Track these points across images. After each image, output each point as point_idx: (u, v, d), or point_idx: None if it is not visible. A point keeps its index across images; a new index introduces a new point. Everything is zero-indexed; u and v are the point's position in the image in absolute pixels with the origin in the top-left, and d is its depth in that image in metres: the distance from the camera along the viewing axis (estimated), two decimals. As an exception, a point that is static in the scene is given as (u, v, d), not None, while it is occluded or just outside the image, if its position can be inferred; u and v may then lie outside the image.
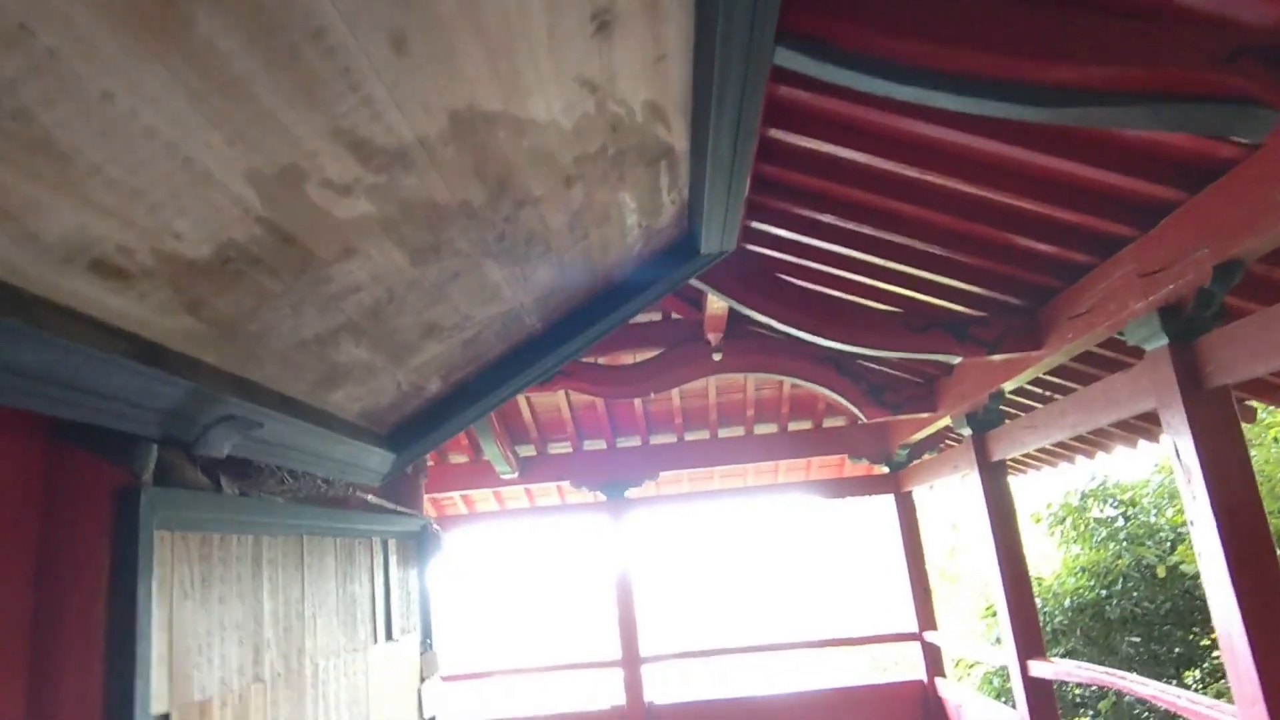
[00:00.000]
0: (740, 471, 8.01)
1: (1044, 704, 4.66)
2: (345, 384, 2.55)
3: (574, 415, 7.03)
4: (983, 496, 5.02)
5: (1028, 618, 4.80)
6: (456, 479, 7.29)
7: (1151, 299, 3.02)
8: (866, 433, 7.19)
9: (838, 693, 7.03)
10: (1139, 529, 6.69)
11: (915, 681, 6.78)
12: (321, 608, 2.76)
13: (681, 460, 7.26)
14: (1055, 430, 4.18)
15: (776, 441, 7.24)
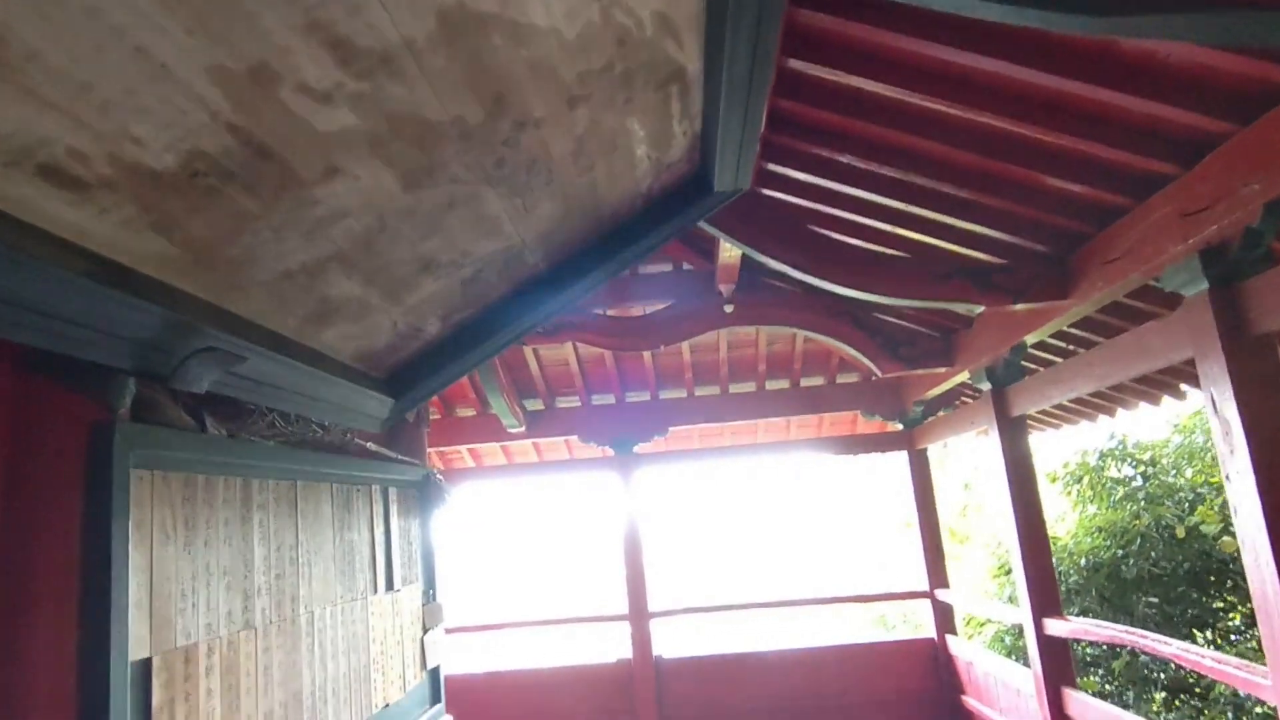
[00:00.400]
0: (751, 428, 7.90)
1: (1058, 662, 4.57)
2: (337, 321, 2.42)
3: (582, 369, 6.91)
4: (1001, 453, 4.88)
5: (1045, 576, 4.70)
6: (463, 432, 7.21)
7: (1192, 241, 2.84)
8: (880, 389, 7.05)
9: (847, 649, 6.99)
10: (1158, 489, 6.55)
11: (926, 639, 6.72)
12: (317, 555, 2.67)
13: (691, 415, 7.14)
14: (1081, 383, 4.02)
15: (788, 397, 7.11)
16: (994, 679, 5.56)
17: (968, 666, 6.11)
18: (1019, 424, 4.90)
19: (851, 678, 6.61)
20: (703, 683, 6.69)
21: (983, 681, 5.81)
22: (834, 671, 6.64)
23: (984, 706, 5.79)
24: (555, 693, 6.72)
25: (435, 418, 7.19)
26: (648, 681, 6.61)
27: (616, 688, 6.68)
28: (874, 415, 7.06)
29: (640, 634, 6.73)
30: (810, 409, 7.11)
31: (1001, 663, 5.43)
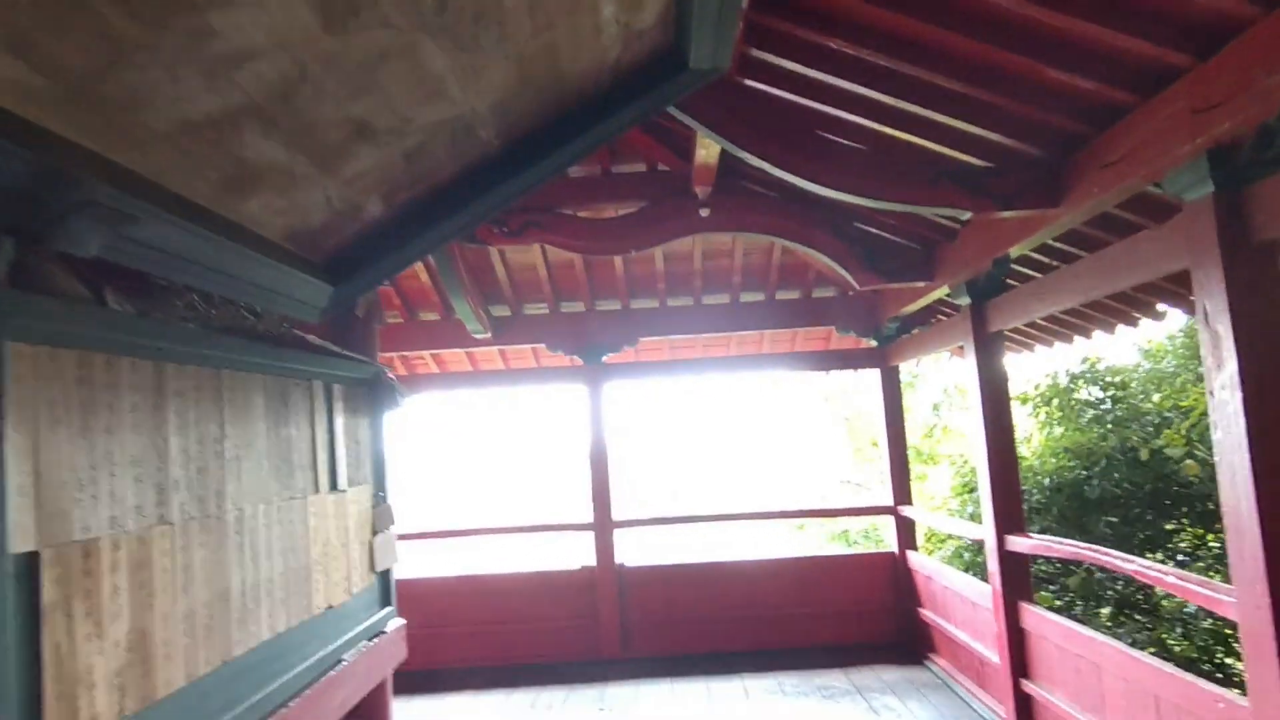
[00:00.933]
0: (724, 341, 7.75)
1: (1018, 578, 4.57)
2: (260, 190, 2.16)
3: (551, 275, 6.67)
4: (976, 370, 4.77)
5: (1011, 494, 4.65)
6: (427, 337, 6.99)
7: (1200, 140, 2.64)
8: (856, 305, 6.90)
9: (808, 561, 7.04)
10: (1126, 412, 6.54)
11: (886, 553, 6.77)
12: (247, 450, 2.48)
13: (663, 326, 6.96)
14: (1065, 296, 3.87)
15: (763, 310, 6.94)
16: (951, 593, 5.61)
17: (926, 580, 6.17)
18: (996, 340, 4.77)
19: (812, 589, 6.67)
20: (665, 591, 6.72)
21: (940, 595, 5.86)
22: (795, 582, 6.69)
23: (940, 619, 5.86)
24: (518, 597, 6.72)
25: (396, 320, 6.95)
26: (610, 588, 6.62)
27: (579, 594, 6.69)
28: (848, 331, 6.93)
29: (604, 543, 6.70)
30: (785, 323, 6.95)
31: (960, 577, 5.46)
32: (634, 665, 6.40)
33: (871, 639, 6.52)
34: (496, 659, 6.59)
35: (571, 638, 6.64)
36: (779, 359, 7.21)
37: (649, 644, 6.61)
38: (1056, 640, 4.09)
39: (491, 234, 5.52)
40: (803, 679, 5.84)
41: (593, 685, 6.01)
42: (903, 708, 5.11)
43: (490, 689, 6.07)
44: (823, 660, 6.23)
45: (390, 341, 6.98)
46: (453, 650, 6.61)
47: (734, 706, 5.33)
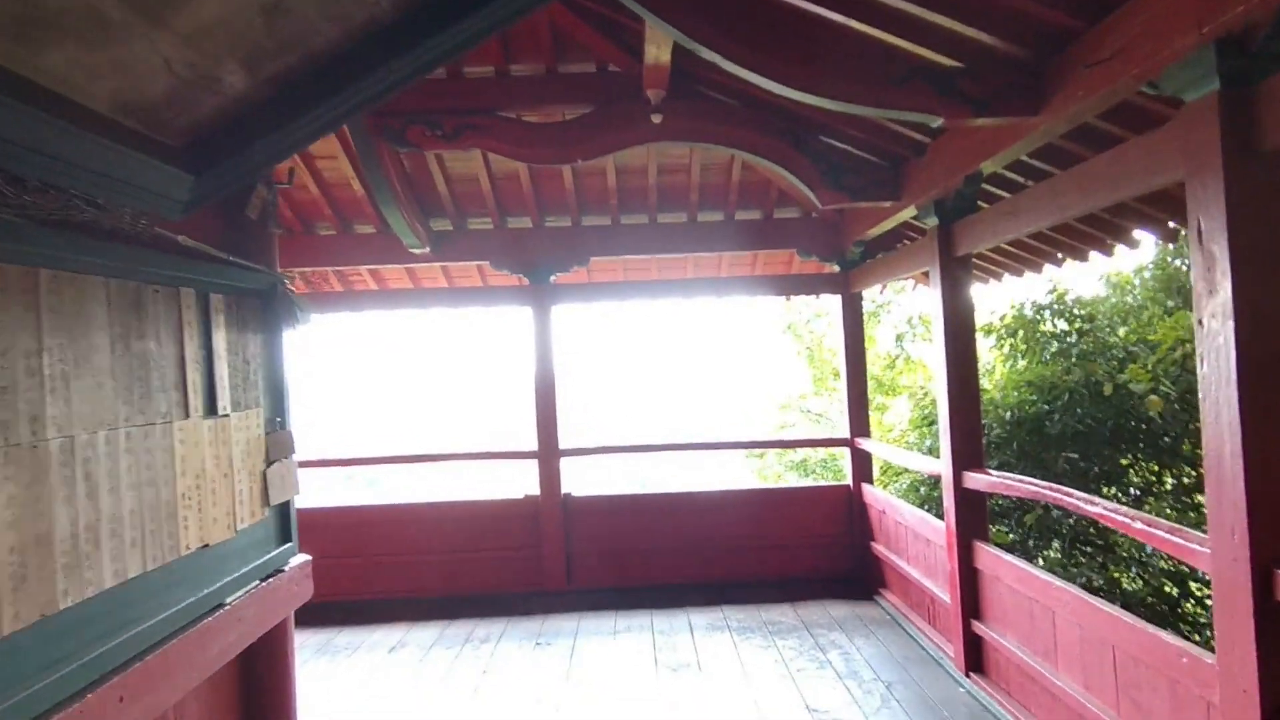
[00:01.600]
0: (680, 263, 7.36)
1: (974, 515, 4.37)
2: (63, 42, 1.71)
3: (495, 187, 6.19)
4: (940, 296, 4.46)
5: (971, 428, 4.41)
6: (363, 251, 6.51)
7: (1208, 29, 2.27)
8: (819, 227, 6.53)
9: (762, 493, 6.85)
10: (1092, 345, 6.32)
11: (841, 486, 6.59)
12: (81, 367, 2.08)
13: (616, 245, 6.55)
14: (1042, 214, 3.54)
15: (722, 231, 6.55)
16: (905, 528, 5.43)
17: (880, 515, 6.00)
18: (963, 265, 4.46)
19: (764, 521, 6.48)
20: (612, 522, 6.49)
21: (894, 530, 5.69)
22: (746, 515, 6.50)
23: (892, 554, 5.70)
24: (459, 527, 6.45)
25: (329, 233, 6.47)
26: (554, 518, 6.38)
27: (523, 524, 6.44)
28: (810, 255, 6.58)
29: (549, 471, 6.43)
30: (745, 244, 6.57)
31: (914, 512, 5.28)
32: (578, 597, 6.21)
33: (823, 573, 6.38)
34: (435, 590, 6.35)
35: (514, 569, 6.41)
36: (738, 283, 6.85)
37: (594, 576, 6.41)
38: (1010, 582, 3.91)
39: (424, 136, 5.04)
40: (750, 614, 5.68)
41: (534, 618, 5.81)
42: (849, 645, 4.96)
43: (426, 620, 5.85)
44: (772, 594, 6.08)
45: (322, 255, 6.50)
46: (389, 580, 6.36)
47: (676, 641, 5.15)
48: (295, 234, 6.50)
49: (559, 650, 5.09)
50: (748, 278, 7.00)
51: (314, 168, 5.91)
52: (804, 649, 4.93)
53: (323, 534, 6.43)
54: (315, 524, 6.43)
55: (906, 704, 4.12)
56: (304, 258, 6.52)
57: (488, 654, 5.07)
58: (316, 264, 6.56)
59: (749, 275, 7.28)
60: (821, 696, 4.24)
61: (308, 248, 6.51)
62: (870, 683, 4.40)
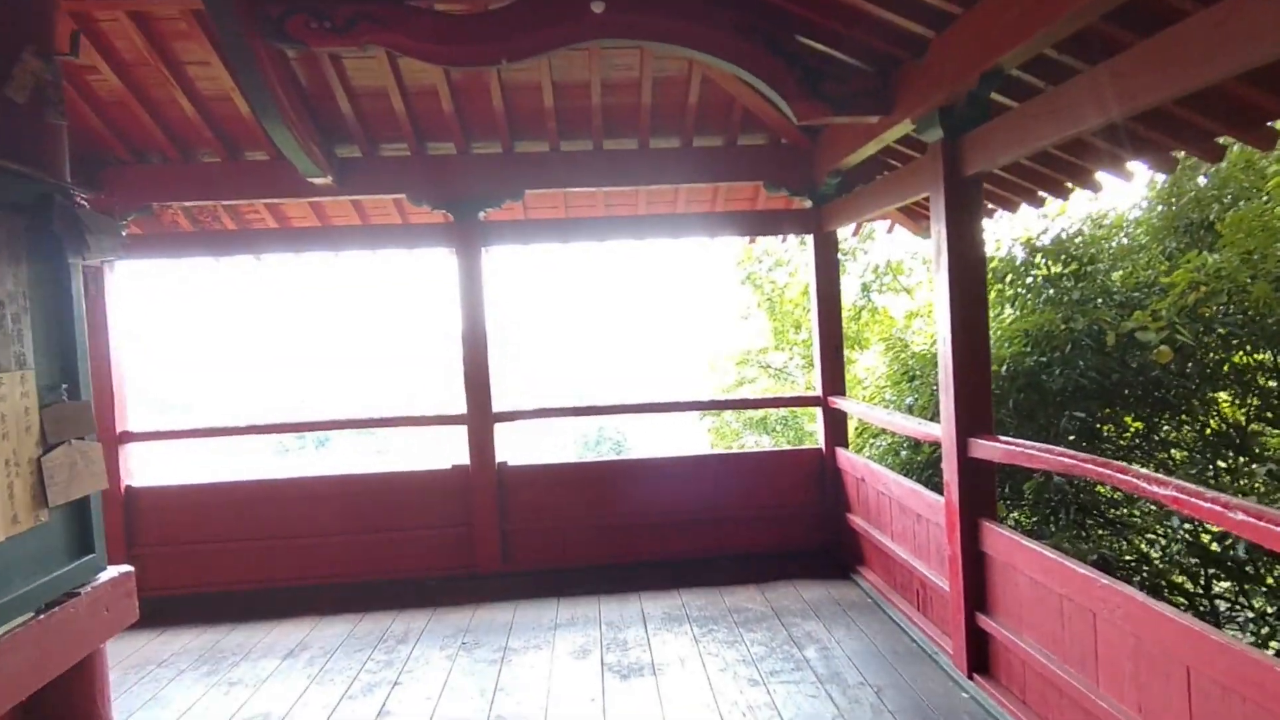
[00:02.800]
0: (631, 197, 6.46)
1: (981, 490, 3.65)
2: None
3: (409, 105, 5.20)
4: (943, 226, 3.68)
5: (978, 387, 3.66)
6: (256, 182, 5.48)
7: None
8: (789, 155, 5.69)
9: (722, 459, 6.10)
10: (1092, 291, 5.63)
11: (813, 450, 5.87)
12: None
13: (554, 176, 5.63)
14: (1089, 111, 2.74)
15: (678, 160, 5.67)
16: (889, 499, 4.72)
17: (858, 483, 5.29)
18: (973, 188, 3.67)
19: (725, 491, 5.75)
20: (554, 495, 5.69)
21: (874, 501, 4.99)
22: (707, 483, 5.75)
23: (873, 528, 5.00)
24: (379, 502, 5.60)
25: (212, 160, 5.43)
26: (487, 491, 5.55)
27: (451, 498, 5.61)
28: (779, 188, 5.74)
29: (480, 438, 5.58)
30: (704, 175, 5.70)
31: (898, 483, 4.56)
32: (514, 581, 5.42)
33: (792, 548, 5.69)
34: (351, 575, 5.51)
35: (442, 550, 5.59)
36: (697, 220, 5.97)
37: (533, 556, 5.63)
38: (1031, 572, 3.20)
39: (309, 30, 4.04)
40: (711, 598, 4.95)
41: (463, 608, 5.00)
42: (828, 638, 4.26)
43: (337, 614, 5.00)
44: (736, 573, 5.36)
45: (207, 186, 5.46)
46: (296, 566, 5.49)
47: (628, 637, 4.40)
48: (171, 161, 5.45)
49: (488, 652, 4.29)
50: (708, 214, 6.13)
51: (185, 78, 4.86)
52: (776, 644, 4.21)
53: (214, 514, 5.53)
54: (204, 502, 5.53)
55: (902, 715, 3.43)
56: (185, 190, 5.49)
57: (402, 659, 4.25)
58: (201, 197, 5.52)
59: (709, 212, 6.42)
60: (802, 708, 3.52)
61: (188, 178, 5.47)
62: (857, 688, 3.70)
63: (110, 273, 5.49)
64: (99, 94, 4.98)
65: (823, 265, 5.76)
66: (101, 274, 5.40)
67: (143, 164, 5.45)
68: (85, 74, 4.80)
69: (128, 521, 5.45)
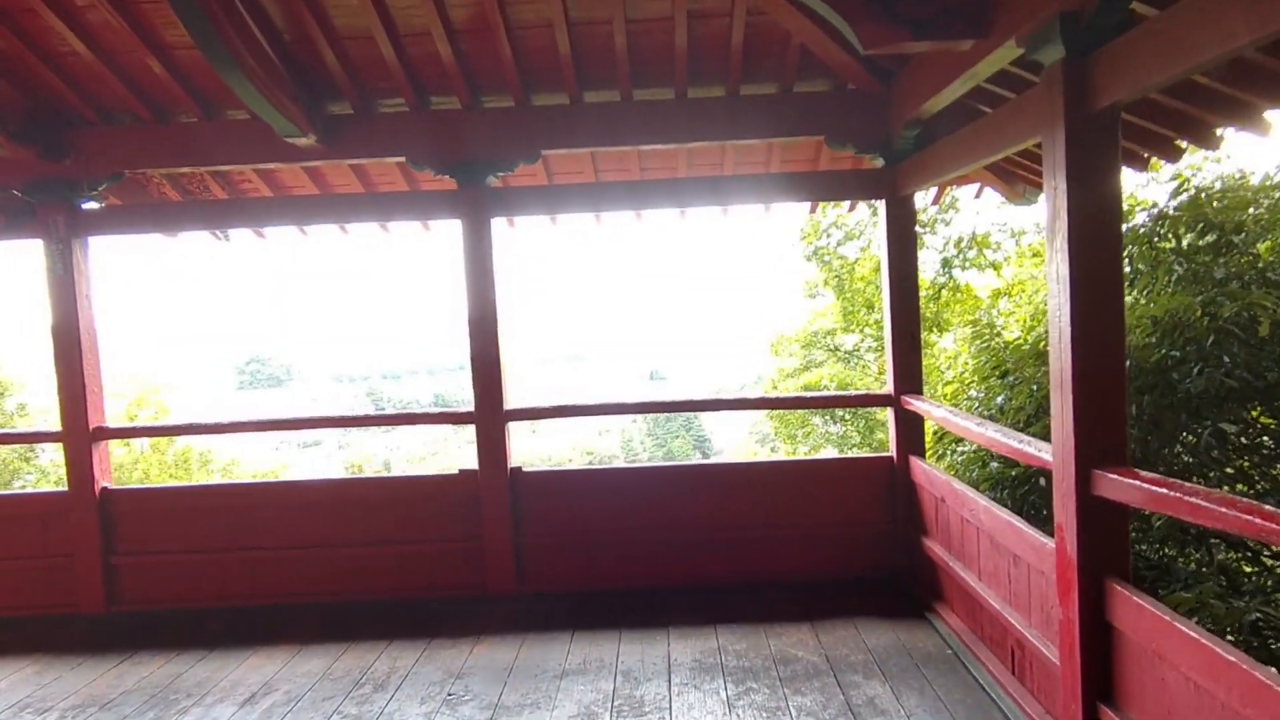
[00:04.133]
0: (670, 158, 5.56)
1: (1109, 539, 2.69)
2: None
3: (402, 52, 4.42)
4: (1063, 176, 2.70)
5: (1108, 398, 2.70)
6: (236, 146, 4.81)
7: None
8: (856, 104, 4.72)
9: (773, 467, 5.21)
10: (1240, 266, 4.50)
11: (882, 459, 4.93)
12: None
13: (576, 132, 4.79)
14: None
15: (722, 111, 4.75)
16: (976, 530, 3.78)
17: (937, 503, 4.34)
18: (1106, 124, 2.67)
19: (775, 503, 4.89)
20: (575, 505, 4.92)
21: (957, 528, 4.04)
22: (753, 495, 4.90)
23: (954, 560, 4.07)
24: (374, 511, 4.93)
25: (189, 120, 4.78)
26: (499, 500, 4.82)
27: (458, 507, 4.90)
28: (844, 144, 4.78)
29: (491, 439, 4.83)
30: (754, 130, 4.78)
31: (991, 512, 3.60)
32: (526, 606, 4.67)
33: (853, 574, 4.80)
34: (345, 591, 4.87)
35: (449, 566, 4.90)
36: (747, 185, 5.03)
37: (552, 575, 4.88)
38: (1190, 669, 2.25)
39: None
40: (754, 641, 4.10)
41: (461, 641, 4.28)
42: (896, 709, 3.36)
43: (318, 643, 4.35)
44: (785, 605, 4.51)
45: (187, 151, 4.82)
46: (284, 580, 4.88)
47: (646, 695, 3.59)
48: (145, 123, 4.82)
49: (474, 710, 3.54)
50: (760, 177, 5.17)
51: (146, 25, 4.18)
52: (829, 716, 3.34)
53: (197, 520, 4.95)
54: (186, 507, 4.96)
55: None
56: (163, 155, 4.85)
57: (374, 715, 3.54)
58: (180, 163, 4.88)
59: (762, 174, 5.45)
60: (856, 823, 2.66)
61: (166, 141, 4.84)
62: (933, 792, 2.81)
63: (83, 250, 4.91)
64: (56, 48, 4.35)
65: (896, 236, 4.78)
66: (71, 251, 4.82)
67: (112, 125, 4.83)
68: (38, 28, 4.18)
69: (104, 526, 4.91)
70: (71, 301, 4.82)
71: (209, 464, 20.52)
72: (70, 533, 4.88)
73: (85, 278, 4.92)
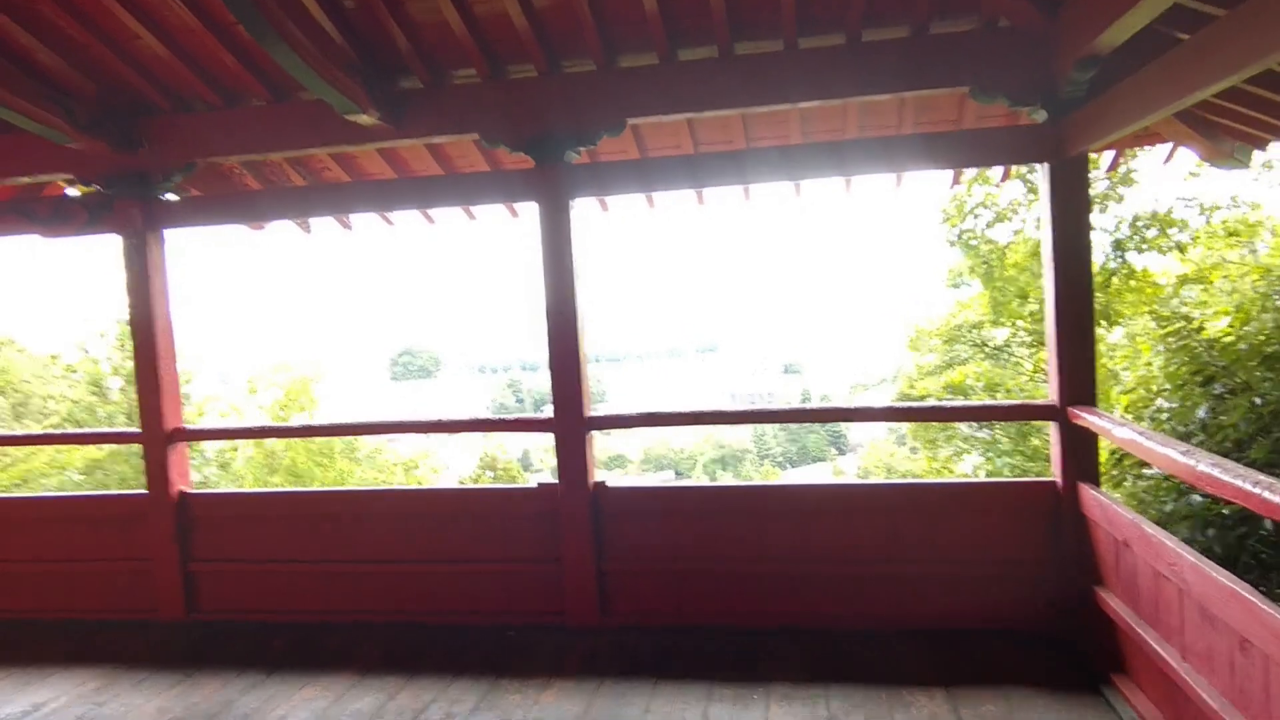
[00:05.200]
0: (780, 122, 4.76)
1: None
2: None
3: (472, 18, 3.89)
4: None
5: None
6: (307, 127, 4.44)
7: None
8: (1010, 45, 3.80)
9: (901, 490, 4.37)
10: None
11: (1044, 484, 3.98)
12: None
13: (666, 96, 4.12)
14: None
15: (842, 63, 3.95)
16: (1178, 591, 2.84)
17: (1118, 546, 3.39)
18: None
19: (907, 534, 4.06)
20: (665, 527, 4.29)
21: (1149, 582, 3.10)
22: (880, 523, 4.09)
23: (1142, 624, 3.14)
24: (446, 525, 4.49)
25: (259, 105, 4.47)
26: (580, 518, 4.26)
27: (537, 523, 4.37)
28: (995, 95, 3.86)
29: (571, 450, 4.27)
30: (881, 83, 3.94)
31: (1202, 570, 2.65)
32: (606, 643, 4.09)
33: (1002, 624, 3.91)
34: (415, 611, 4.48)
35: (525, 590, 4.39)
36: (874, 150, 4.17)
37: (640, 605, 4.28)
38: None
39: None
40: (874, 712, 3.32)
41: (528, 684, 3.73)
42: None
43: (380, 673, 3.93)
44: (915, 662, 3.70)
45: (259, 136, 4.51)
46: (354, 595, 4.55)
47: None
48: (216, 109, 4.55)
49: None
50: (890, 140, 4.31)
51: (206, 5, 3.85)
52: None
53: (269, 527, 4.69)
54: (259, 514, 4.73)
55: None
56: (233, 141, 4.57)
57: (412, 776, 3.05)
58: (251, 150, 4.59)
59: (892, 136, 4.57)
60: None
61: (236, 127, 4.55)
62: None
63: (159, 244, 4.72)
64: (121, 34, 4.12)
65: (1064, 207, 3.82)
66: (146, 246, 4.63)
67: (183, 113, 4.59)
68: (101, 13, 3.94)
69: (180, 531, 4.71)
70: (148, 298, 4.64)
71: (356, 450, 21.40)
72: (149, 536, 4.73)
73: (162, 273, 4.73)
